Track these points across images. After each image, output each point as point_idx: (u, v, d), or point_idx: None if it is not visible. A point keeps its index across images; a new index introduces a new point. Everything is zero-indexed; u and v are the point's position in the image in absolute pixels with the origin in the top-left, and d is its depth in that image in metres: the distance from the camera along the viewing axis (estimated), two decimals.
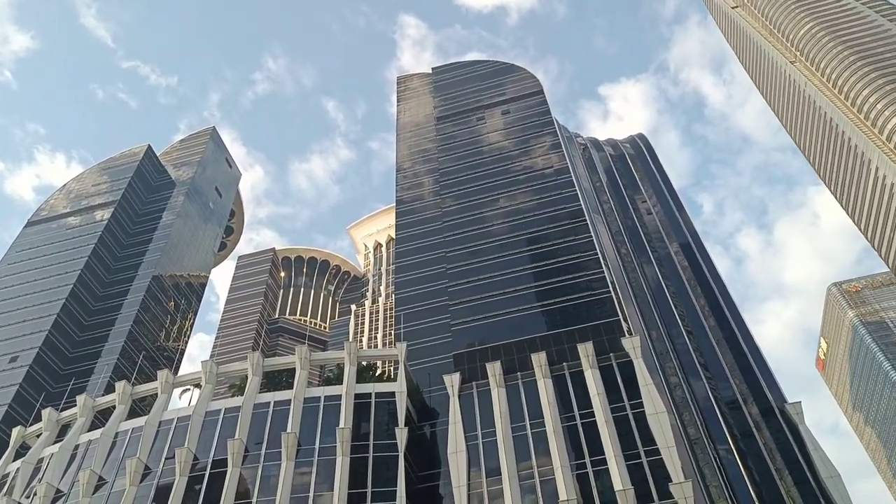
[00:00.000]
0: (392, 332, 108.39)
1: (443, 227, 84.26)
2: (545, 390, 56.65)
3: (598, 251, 72.95)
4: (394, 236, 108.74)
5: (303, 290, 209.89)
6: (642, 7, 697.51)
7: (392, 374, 74.17)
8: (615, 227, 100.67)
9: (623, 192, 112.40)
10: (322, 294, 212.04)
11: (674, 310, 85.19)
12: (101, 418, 66.33)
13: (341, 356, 62.87)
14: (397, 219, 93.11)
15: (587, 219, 78.16)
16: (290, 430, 54.47)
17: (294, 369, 61.91)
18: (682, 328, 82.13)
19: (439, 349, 67.57)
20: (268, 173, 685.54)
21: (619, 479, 48.18)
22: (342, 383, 59.15)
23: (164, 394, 62.37)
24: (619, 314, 64.39)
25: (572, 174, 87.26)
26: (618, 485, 47.80)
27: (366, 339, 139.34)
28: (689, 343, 79.53)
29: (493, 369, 59.47)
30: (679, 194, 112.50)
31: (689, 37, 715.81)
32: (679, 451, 49.98)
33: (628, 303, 75.73)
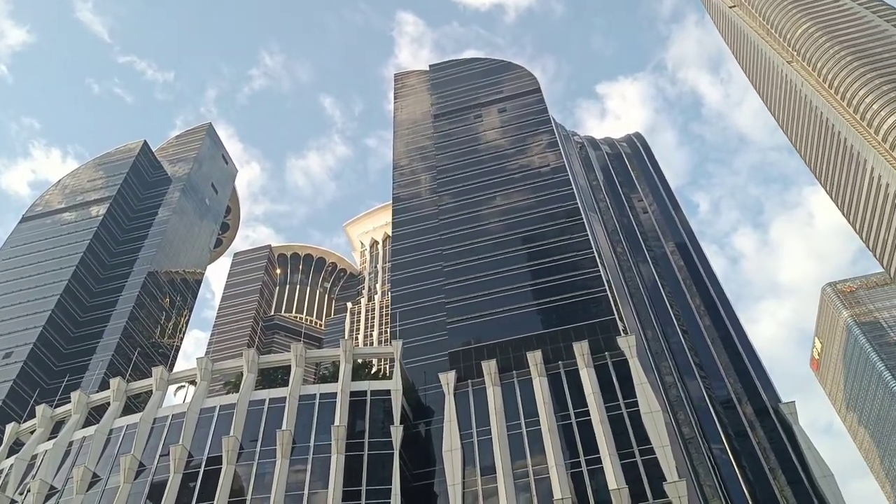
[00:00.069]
0: (388, 329, 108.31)
1: (439, 225, 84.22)
2: (540, 389, 56.71)
3: (594, 250, 73.00)
4: (390, 234, 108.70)
5: (299, 287, 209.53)
6: (640, 6, 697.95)
7: (388, 371, 74.15)
8: (611, 226, 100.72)
9: (619, 191, 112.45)
10: (318, 291, 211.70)
11: (669, 309, 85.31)
12: (95, 415, 66.20)
13: (337, 354, 62.82)
14: (394, 216, 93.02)
15: (583, 217, 78.19)
16: (285, 427, 54.43)
17: (289, 367, 61.86)
18: (678, 327, 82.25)
19: (435, 347, 67.58)
20: (264, 170, 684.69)
21: (613, 477, 48.28)
22: (338, 381, 59.15)
23: (158, 391, 62.25)
24: (615, 313, 64.47)
25: (569, 173, 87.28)
26: (612, 484, 47.89)
27: (361, 336, 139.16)
28: (684, 342, 79.66)
29: (489, 368, 59.50)
30: (675, 193, 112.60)
31: (686, 36, 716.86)
32: (673, 451, 50.09)
33: (624, 302, 75.80)
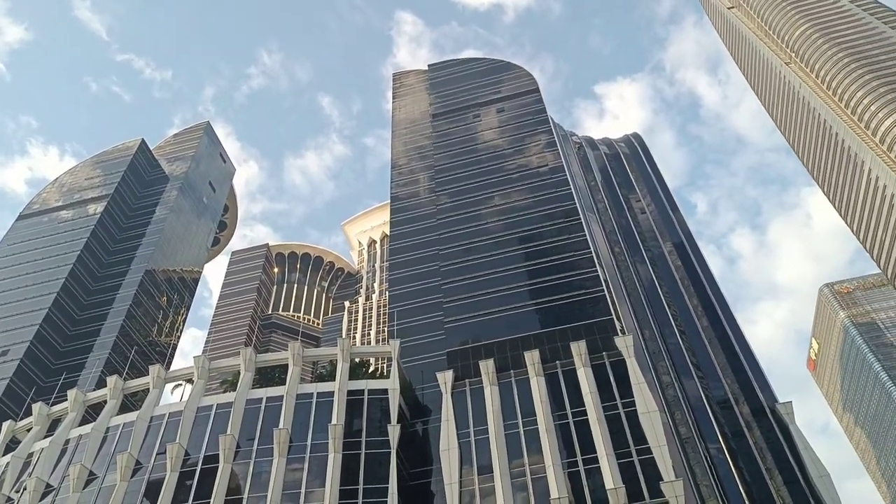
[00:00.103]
0: (385, 328, 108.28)
1: (437, 225, 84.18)
2: (538, 388, 56.73)
3: (592, 250, 73.05)
4: (388, 233, 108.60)
5: (296, 286, 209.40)
6: (638, 6, 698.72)
7: (385, 371, 74.12)
8: (609, 226, 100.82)
9: (617, 191, 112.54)
10: (315, 290, 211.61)
11: (667, 309, 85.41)
12: (92, 413, 66.06)
13: (334, 353, 62.78)
14: (392, 215, 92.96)
15: (581, 217, 78.23)
16: (282, 426, 54.39)
17: (287, 365, 61.83)
18: (675, 328, 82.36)
19: (432, 346, 67.55)
20: (262, 169, 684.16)
21: (610, 477, 48.32)
22: (335, 380, 59.12)
23: (155, 389, 62.16)
24: (613, 313, 64.51)
25: (567, 173, 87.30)
26: (609, 483, 47.93)
27: (359, 335, 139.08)
28: (681, 342, 79.77)
29: (487, 367, 59.51)
30: (673, 194, 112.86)
31: (685, 37, 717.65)
32: (670, 450, 50.16)
33: (621, 302, 75.89)
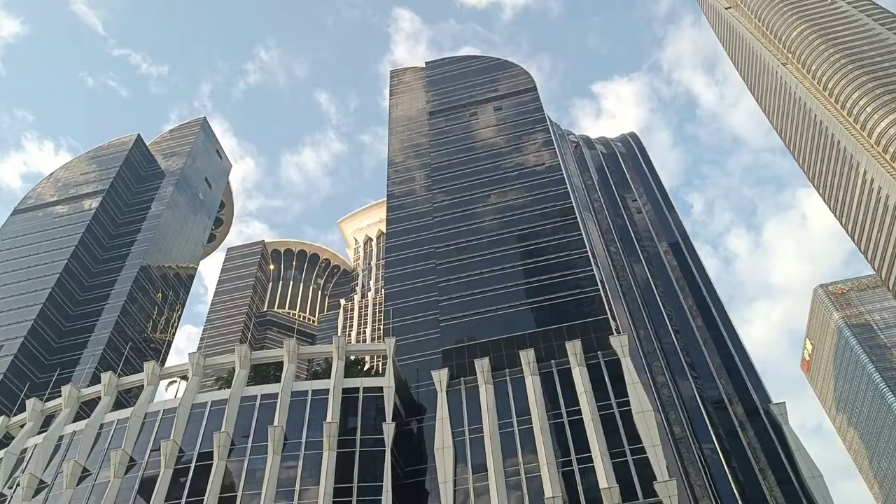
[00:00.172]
0: (381, 326, 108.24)
1: (433, 223, 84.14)
2: (533, 387, 56.79)
3: (588, 249, 73.11)
4: (384, 230, 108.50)
5: (292, 283, 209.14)
6: (636, 6, 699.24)
7: (380, 369, 74.13)
8: (605, 226, 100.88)
9: (614, 191, 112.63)
10: (311, 288, 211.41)
11: (662, 309, 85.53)
12: (86, 409, 65.87)
13: (329, 350, 62.75)
14: (388, 213, 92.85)
15: (577, 217, 78.30)
16: (276, 423, 54.36)
17: (282, 363, 61.76)
18: (670, 328, 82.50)
19: (428, 345, 67.57)
20: (258, 165, 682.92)
21: (604, 476, 48.42)
22: (330, 377, 59.08)
23: (150, 385, 62.06)
24: (608, 312, 64.61)
25: (563, 172, 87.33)
26: (603, 482, 48.04)
27: (354, 333, 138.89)
28: (676, 343, 79.91)
29: (482, 366, 59.54)
30: (669, 194, 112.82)
31: (682, 37, 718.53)
32: (664, 450, 50.26)
33: (617, 301, 75.97)
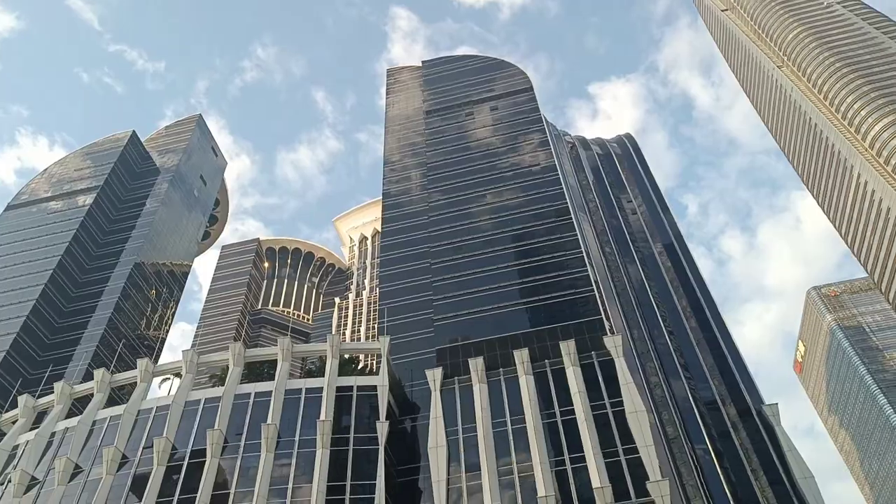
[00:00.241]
0: (375, 325, 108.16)
1: (429, 222, 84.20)
2: (526, 387, 56.89)
3: (583, 250, 73.27)
4: (379, 229, 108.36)
5: (286, 281, 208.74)
6: (634, 5, 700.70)
7: (374, 367, 74.10)
8: (600, 226, 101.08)
9: (609, 192, 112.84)
10: (306, 286, 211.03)
11: (656, 310, 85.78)
12: (78, 406, 65.67)
13: (324, 349, 62.72)
14: (383, 212, 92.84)
15: (572, 217, 78.43)
16: (270, 421, 54.31)
17: (276, 361, 61.71)
18: (664, 328, 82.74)
19: (422, 344, 67.62)
20: (254, 163, 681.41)
21: (597, 476, 48.54)
22: (324, 376, 59.07)
23: (143, 382, 61.89)
24: (602, 313, 64.77)
25: (559, 172, 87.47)
26: (596, 482, 48.16)
27: (349, 332, 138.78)
28: (670, 343, 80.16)
29: (476, 365, 59.61)
30: (665, 195, 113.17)
31: (679, 38, 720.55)
32: (657, 450, 50.43)
33: (611, 302, 76.17)
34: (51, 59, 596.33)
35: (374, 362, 79.03)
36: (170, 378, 67.96)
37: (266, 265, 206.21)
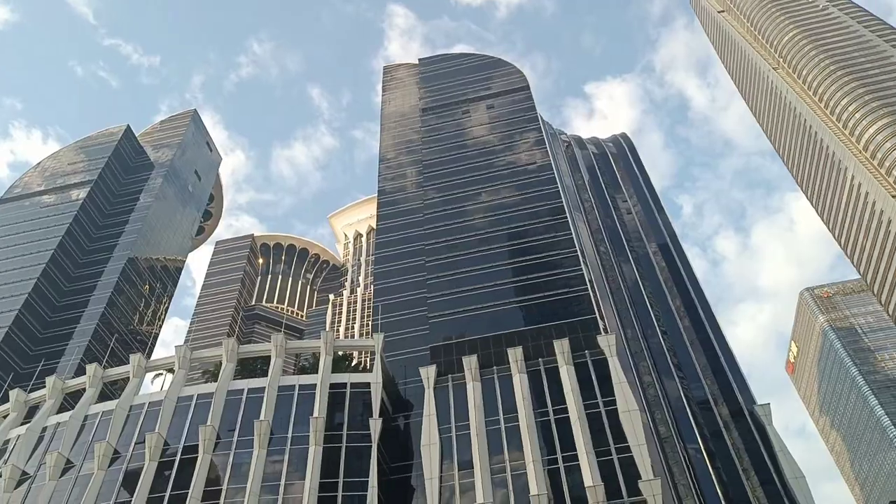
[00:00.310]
0: (369, 322, 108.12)
1: (424, 220, 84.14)
2: (520, 385, 56.95)
3: (578, 249, 73.37)
4: (374, 226, 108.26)
5: (280, 277, 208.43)
6: (630, 6, 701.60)
7: (368, 364, 74.06)
8: (595, 226, 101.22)
9: (604, 191, 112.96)
10: (300, 282, 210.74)
11: (650, 309, 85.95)
12: (70, 401, 65.35)
13: (317, 345, 62.60)
14: (378, 209, 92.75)
15: (568, 216, 78.53)
16: (263, 417, 54.19)
17: (269, 357, 61.56)
18: (658, 328, 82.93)
19: (416, 341, 67.60)
20: (249, 158, 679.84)
21: (589, 475, 48.66)
22: (317, 372, 58.95)
23: (135, 378, 61.64)
24: (596, 312, 64.88)
25: (555, 171, 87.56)
26: (588, 481, 48.26)
27: (343, 328, 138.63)
28: (663, 343, 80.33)
29: (469, 363, 59.63)
30: (660, 195, 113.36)
31: (675, 39, 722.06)
32: (649, 450, 50.59)
33: (605, 301, 76.28)
34: (45, 52, 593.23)
35: (368, 359, 78.92)
36: (162, 373, 67.70)
37: (260, 261, 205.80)
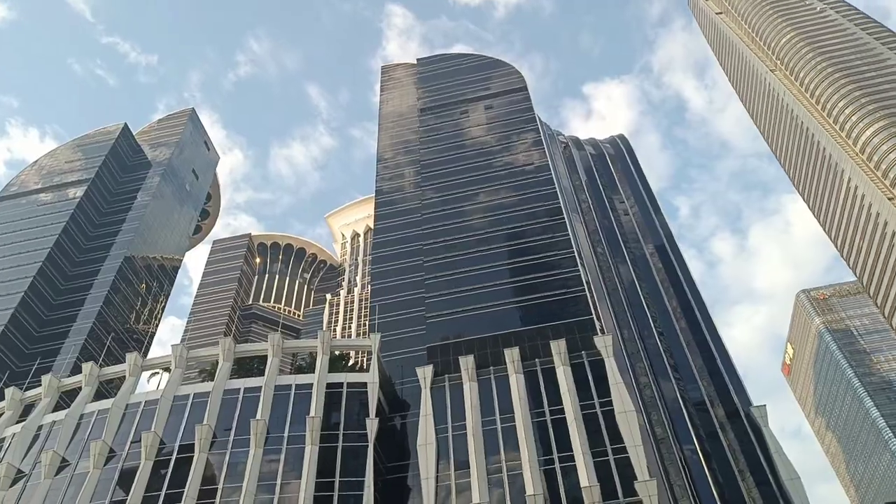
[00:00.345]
0: (366, 322, 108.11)
1: (421, 220, 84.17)
2: (516, 386, 56.98)
3: (575, 249, 73.45)
4: (372, 226, 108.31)
5: (278, 276, 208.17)
6: (629, 7, 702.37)
7: (365, 364, 74.05)
8: (592, 227, 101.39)
9: (602, 192, 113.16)
10: (297, 282, 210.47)
11: (646, 310, 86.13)
12: (66, 399, 65.23)
13: (314, 345, 62.56)
14: (376, 209, 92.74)
15: (565, 217, 78.61)
16: (259, 417, 54.17)
17: (266, 356, 61.52)
18: (654, 329, 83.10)
19: (413, 341, 67.61)
20: (247, 158, 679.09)
21: (585, 475, 48.69)
22: (314, 372, 58.93)
23: (132, 376, 61.58)
24: (593, 313, 64.96)
25: (552, 172, 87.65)
26: (584, 481, 48.31)
27: (339, 328, 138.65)
28: (660, 344, 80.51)
29: (466, 363, 59.65)
30: (657, 196, 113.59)
31: (673, 40, 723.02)
32: (645, 450, 50.65)
33: (602, 302, 76.40)
34: (42, 49, 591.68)
35: (365, 359, 78.92)
36: (159, 372, 67.62)
37: (257, 260, 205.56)
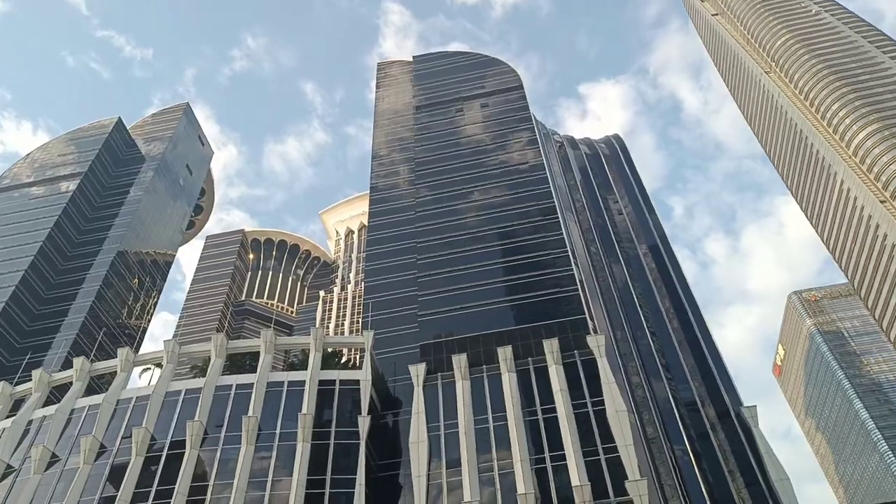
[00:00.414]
0: (359, 319, 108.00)
1: (416, 217, 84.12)
2: (509, 384, 57.08)
3: (568, 249, 73.57)
4: (366, 223, 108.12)
5: (271, 273, 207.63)
6: (626, 8, 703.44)
7: (358, 362, 74.03)
8: (586, 226, 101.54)
9: (596, 192, 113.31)
10: (290, 278, 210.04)
11: (639, 310, 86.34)
12: (56, 394, 64.93)
13: (307, 342, 62.47)
14: (370, 206, 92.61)
15: (559, 216, 78.69)
16: (251, 413, 54.04)
17: (258, 353, 61.36)
18: (647, 329, 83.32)
19: (406, 339, 67.59)
20: (241, 153, 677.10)
21: (576, 474, 48.84)
22: (306, 369, 58.84)
23: (123, 372, 61.30)
24: (586, 312, 65.10)
25: (547, 171, 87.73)
26: (575, 480, 48.45)
27: (332, 325, 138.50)
28: (652, 344, 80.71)
29: (459, 361, 59.71)
30: (651, 197, 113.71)
31: (669, 41, 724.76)
32: (637, 450, 50.84)
33: (595, 301, 76.59)
34: (36, 42, 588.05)
35: (358, 356, 78.89)
36: (150, 368, 67.40)
37: (251, 256, 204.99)
